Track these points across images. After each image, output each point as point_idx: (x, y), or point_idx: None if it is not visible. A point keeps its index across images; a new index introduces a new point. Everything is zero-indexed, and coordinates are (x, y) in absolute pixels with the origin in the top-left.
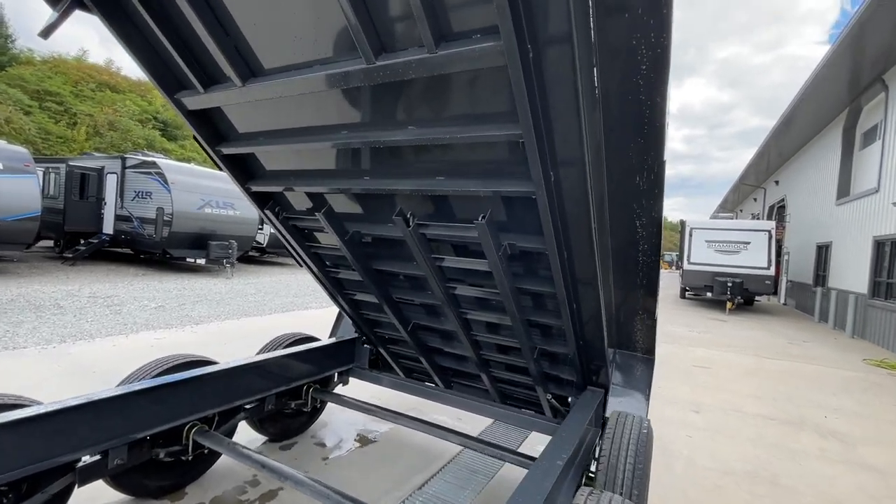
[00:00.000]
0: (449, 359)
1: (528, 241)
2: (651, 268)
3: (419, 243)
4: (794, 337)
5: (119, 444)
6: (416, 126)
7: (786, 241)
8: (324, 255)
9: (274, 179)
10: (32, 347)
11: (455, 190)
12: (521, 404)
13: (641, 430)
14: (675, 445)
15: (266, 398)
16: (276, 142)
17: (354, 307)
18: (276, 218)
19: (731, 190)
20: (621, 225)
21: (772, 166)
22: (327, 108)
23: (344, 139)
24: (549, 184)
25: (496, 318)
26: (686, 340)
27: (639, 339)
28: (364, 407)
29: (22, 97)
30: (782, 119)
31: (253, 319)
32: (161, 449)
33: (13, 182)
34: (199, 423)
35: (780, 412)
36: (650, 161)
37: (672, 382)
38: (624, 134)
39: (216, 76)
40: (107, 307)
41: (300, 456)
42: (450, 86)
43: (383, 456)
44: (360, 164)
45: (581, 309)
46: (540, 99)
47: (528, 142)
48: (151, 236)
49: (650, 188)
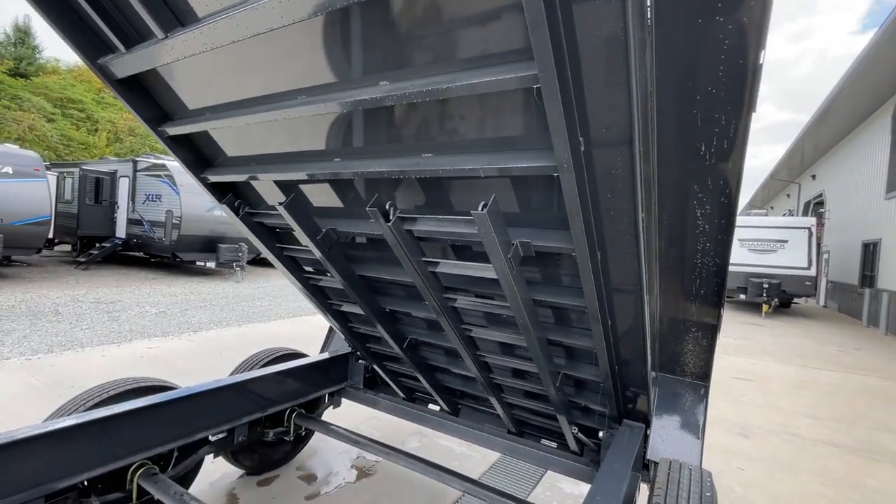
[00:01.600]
0: (455, 379)
1: (548, 238)
2: (716, 272)
3: (403, 243)
4: (842, 344)
5: (32, 498)
6: (391, 80)
7: (825, 239)
8: (300, 258)
9: (234, 167)
10: (16, 358)
11: (447, 170)
12: (540, 434)
13: (704, 493)
14: (725, 480)
15: (236, 428)
16: (224, 116)
17: (342, 320)
18: (236, 214)
19: (760, 187)
20: (675, 214)
21: (807, 160)
22: (278, 67)
23: (302, 105)
24: (577, 156)
25: (507, 336)
26: (721, 347)
27: (689, 361)
28: (352, 438)
29: (45, 105)
30: (820, 110)
31: (255, 326)
32: (96, 498)
33: (23, 186)
34: (148, 463)
35: (845, 437)
36: (725, 120)
37: (712, 398)
38: (686, 80)
39: (142, 31)
40: (106, 313)
41: (280, 494)
42: (427, 14)
43: (379, 494)
44: (329, 142)
45: (618, 325)
46: (564, 23)
47: (546, 88)
48: (161, 240)
49: (722, 161)
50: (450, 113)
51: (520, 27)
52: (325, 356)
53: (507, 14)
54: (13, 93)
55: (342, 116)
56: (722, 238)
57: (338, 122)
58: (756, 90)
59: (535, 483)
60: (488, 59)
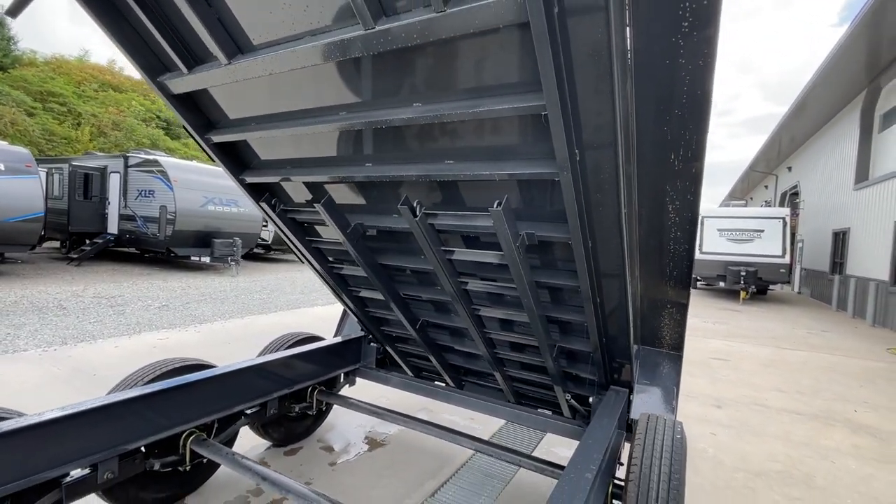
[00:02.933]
0: (460, 357)
1: (549, 229)
2: (684, 258)
3: (427, 235)
4: (812, 326)
5: (109, 457)
6: (423, 103)
7: (799, 228)
8: (326, 250)
9: (270, 169)
10: (33, 350)
11: (466, 174)
12: (537, 404)
13: (675, 435)
14: (699, 444)
15: (268, 402)
16: (269, 127)
17: (359, 305)
18: (272, 211)
19: (740, 178)
20: (651, 210)
21: (784, 152)
22: (323, 86)
23: (342, 121)
24: (574, 164)
25: (511, 314)
26: (701, 332)
27: (666, 335)
28: (370, 409)
29: (25, 98)
30: (795, 104)
31: (257, 318)
32: (156, 460)
33: (15, 183)
34: (196, 431)
35: (807, 406)
36: (688, 136)
37: (690, 376)
38: (658, 105)
39: (201, 55)
40: (110, 307)
41: (306, 462)
42: (461, 53)
43: (393, 460)
44: (361, 149)
45: (605, 303)
46: (566, 63)
47: (552, 115)
48: (155, 235)
49: (686, 168)
50: (469, 128)
51: (530, 66)
52: (340, 339)
53: (520, 55)
54: None
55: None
56: (689, 228)
57: (371, 132)
58: (708, 113)
59: (533, 448)
60: (505, 89)
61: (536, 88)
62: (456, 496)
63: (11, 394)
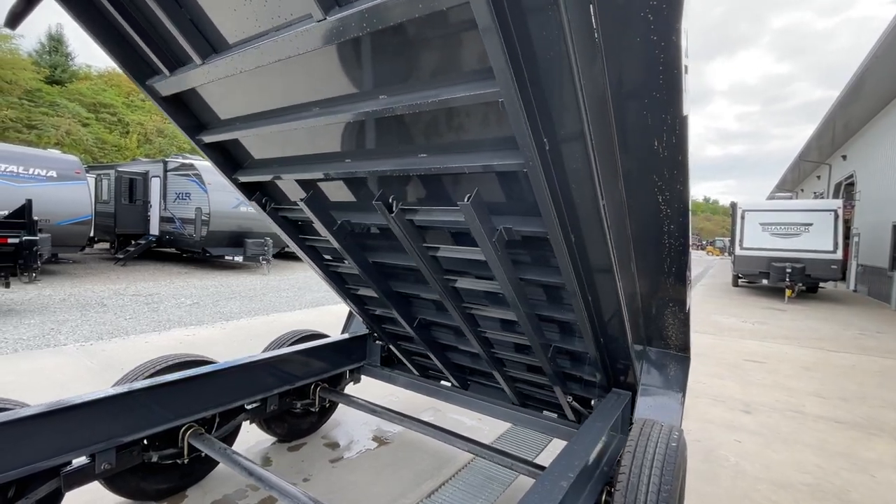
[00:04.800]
0: (463, 356)
1: (528, 224)
2: (679, 252)
3: (405, 231)
4: (865, 327)
5: (106, 448)
6: (389, 94)
7: (855, 221)
8: (321, 248)
9: (261, 168)
10: (72, 345)
11: (438, 168)
12: (542, 406)
13: (670, 443)
14: (721, 451)
15: (268, 398)
16: (252, 125)
17: (359, 303)
18: (263, 210)
19: (789, 169)
20: (641, 202)
21: (838, 140)
22: (297, 83)
23: (316, 116)
24: (543, 154)
25: (503, 312)
26: (737, 332)
27: (671, 335)
28: (371, 408)
29: (80, 110)
30: (849, 86)
31: (282, 315)
32: (155, 452)
33: (66, 189)
34: (195, 426)
35: (849, 414)
36: (670, 119)
37: (719, 378)
38: (634, 87)
39: (181, 57)
40: (146, 304)
41: (308, 458)
42: (416, 41)
43: (395, 459)
44: (340, 145)
45: (599, 301)
46: (520, 46)
47: (508, 101)
48: (192, 236)
49: (672, 154)
50: (442, 120)
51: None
52: (346, 336)
53: (475, 43)
54: (51, 99)
55: (351, 123)
56: (681, 220)
57: (348, 128)
58: (682, 91)
59: (538, 453)
60: (463, 76)
61: (491, 75)
62: (453, 498)
63: (49, 386)
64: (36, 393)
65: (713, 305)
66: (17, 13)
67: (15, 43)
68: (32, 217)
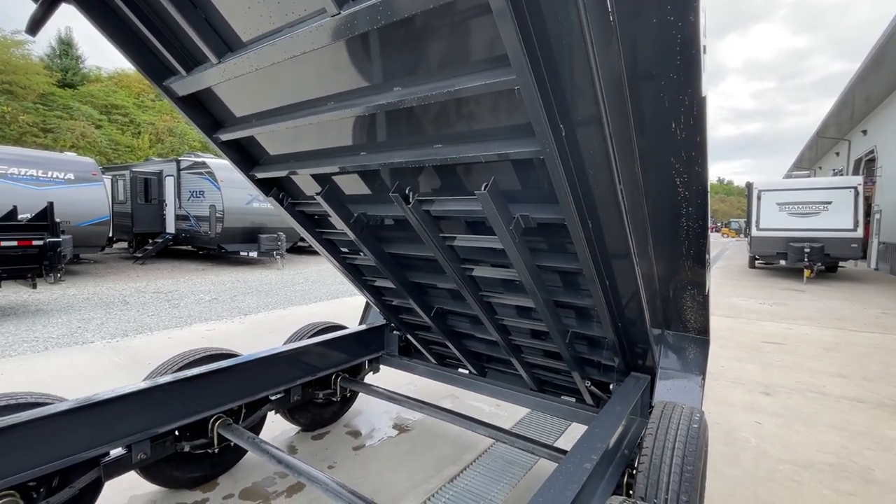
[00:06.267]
0: (480, 344)
1: (545, 211)
2: (698, 235)
3: (422, 221)
4: (887, 306)
5: (142, 439)
6: (403, 86)
7: (876, 198)
8: (337, 241)
9: (276, 164)
10: (99, 342)
11: (454, 157)
12: (559, 391)
13: (692, 425)
14: (741, 433)
15: (291, 389)
16: (267, 122)
17: (376, 294)
18: (280, 205)
19: (807, 146)
20: (658, 185)
21: (857, 115)
22: (310, 79)
23: (331, 111)
24: (559, 140)
25: (522, 300)
26: (755, 314)
27: (690, 318)
28: (390, 396)
29: (93, 112)
30: (870, 58)
31: (299, 308)
32: (186, 442)
33: (84, 190)
34: (223, 416)
35: (872, 394)
36: (687, 100)
37: (737, 361)
38: (651, 69)
39: (198, 56)
40: (166, 301)
41: (331, 446)
42: (429, 32)
43: (416, 445)
44: (355, 138)
45: (617, 286)
46: (535, 30)
47: (524, 89)
48: (207, 233)
49: (690, 136)
50: (456, 110)
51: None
52: (363, 327)
53: (489, 30)
54: (64, 103)
55: (366, 117)
56: (700, 203)
57: (363, 121)
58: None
59: (557, 437)
60: (478, 65)
61: (507, 62)
62: (474, 482)
63: (81, 381)
64: (71, 387)
65: (730, 288)
66: (38, 20)
67: (27, 48)
68: (55, 219)
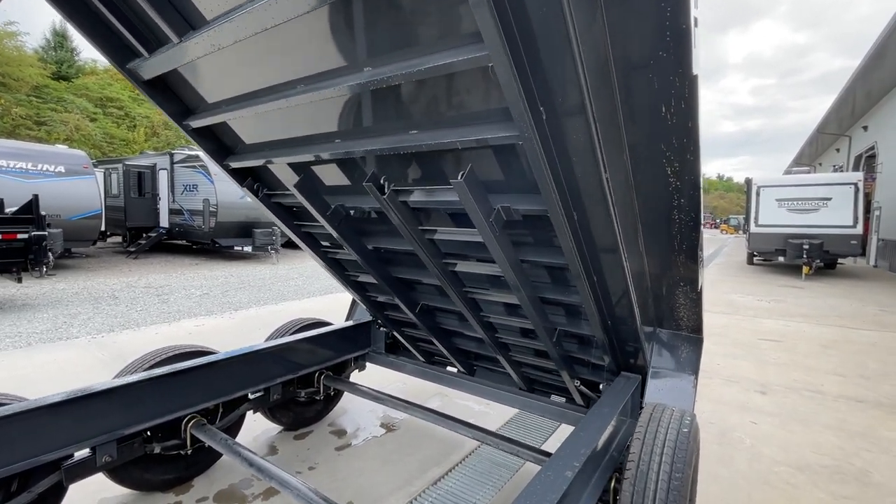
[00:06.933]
0: (469, 342)
1: (528, 202)
2: (690, 228)
3: (399, 213)
4: (886, 303)
5: (107, 441)
6: (372, 66)
7: (876, 195)
8: (317, 234)
9: (250, 153)
10: (84, 337)
11: (430, 143)
12: (550, 390)
13: (682, 429)
14: (736, 433)
15: (271, 387)
16: (237, 107)
17: (360, 290)
18: (256, 196)
19: (807, 142)
20: (648, 174)
21: (858, 110)
22: (279, 62)
23: (300, 93)
24: (540, 125)
25: (507, 296)
26: (752, 311)
27: (682, 316)
28: (375, 395)
29: (87, 105)
30: (871, 52)
31: (291, 304)
32: (158, 443)
33: (75, 184)
34: (197, 416)
35: (870, 392)
36: (678, 81)
37: (733, 358)
38: (638, 46)
39: (160, 37)
40: (156, 296)
41: (314, 446)
42: (398, 7)
43: (401, 445)
44: (330, 125)
45: (606, 282)
46: (511, 5)
47: (499, 67)
48: (200, 227)
49: (681, 121)
50: (431, 93)
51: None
52: (349, 324)
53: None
54: (58, 95)
55: (339, 101)
56: (693, 194)
57: (337, 107)
58: (690, 49)
59: (547, 437)
60: (450, 42)
61: (480, 38)
62: (459, 485)
63: (63, 377)
64: (50, 384)
65: (728, 284)
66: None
67: (21, 40)
68: (40, 212)
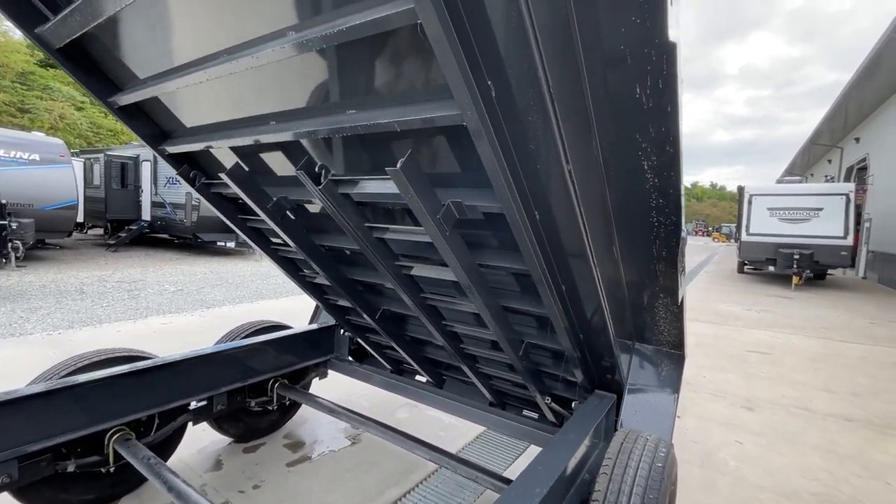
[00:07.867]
0: (437, 351)
1: (481, 197)
2: (670, 232)
3: (338, 207)
4: (876, 316)
5: (7, 459)
6: (296, 30)
7: (867, 207)
8: (264, 229)
9: (187, 137)
10: (39, 334)
11: (367, 124)
12: (522, 405)
13: (655, 463)
14: (720, 454)
15: (215, 396)
16: (163, 80)
17: (317, 291)
18: (192, 185)
19: (800, 152)
20: (622, 168)
21: (851, 122)
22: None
23: (221, 63)
24: (488, 103)
25: (469, 304)
26: (741, 321)
27: (662, 330)
28: (332, 408)
29: (74, 94)
30: (865, 65)
31: (268, 302)
32: (75, 460)
33: (50, 172)
34: (124, 429)
35: (860, 410)
36: (654, 53)
37: (720, 371)
38: (608, 11)
39: None
40: (127, 292)
41: (263, 460)
42: None
43: (360, 462)
44: (263, 105)
45: (575, 291)
46: None
47: (428, 25)
48: (182, 221)
49: (659, 103)
50: (369, 66)
51: None
52: (311, 328)
53: None
54: (44, 83)
55: (272, 78)
56: (673, 193)
57: (269, 83)
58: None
59: (519, 454)
60: None
61: None
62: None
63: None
64: None
65: (717, 293)
66: None
67: (6, 25)
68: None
